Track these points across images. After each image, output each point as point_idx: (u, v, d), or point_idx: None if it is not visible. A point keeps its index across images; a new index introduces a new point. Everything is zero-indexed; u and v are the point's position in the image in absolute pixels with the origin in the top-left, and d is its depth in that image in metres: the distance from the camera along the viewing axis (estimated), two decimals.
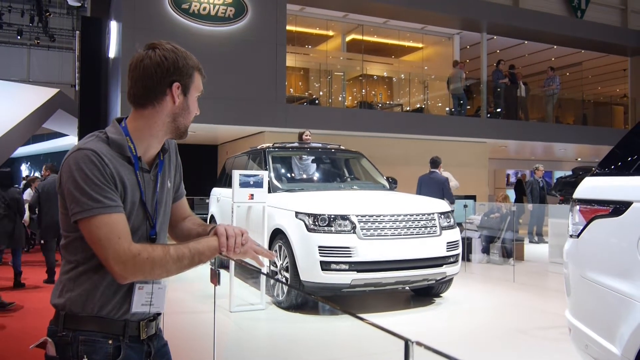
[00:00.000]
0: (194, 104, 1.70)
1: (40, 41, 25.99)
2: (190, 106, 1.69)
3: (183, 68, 1.65)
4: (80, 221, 1.50)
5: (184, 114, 1.68)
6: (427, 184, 9.12)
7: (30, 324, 5.54)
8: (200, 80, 1.72)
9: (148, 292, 1.63)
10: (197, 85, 1.71)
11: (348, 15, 14.96)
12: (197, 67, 1.71)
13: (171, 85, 1.63)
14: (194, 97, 1.70)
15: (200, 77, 1.72)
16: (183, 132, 1.70)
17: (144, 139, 1.65)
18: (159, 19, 11.14)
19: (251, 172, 6.29)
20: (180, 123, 1.68)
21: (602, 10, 20.00)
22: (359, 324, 1.73)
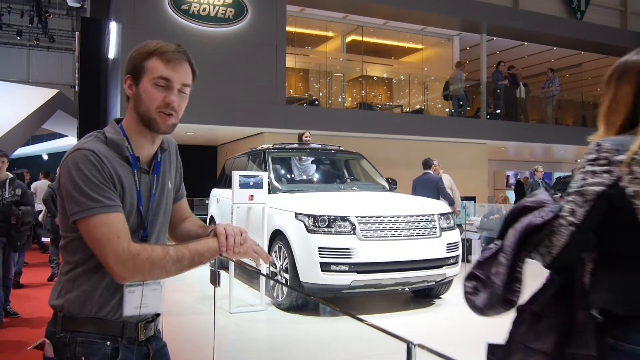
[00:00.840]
0: (150, 90, 1.59)
1: (39, 42, 25.98)
2: (142, 95, 1.60)
3: (134, 59, 1.62)
4: (79, 221, 1.49)
5: (139, 103, 1.61)
6: (422, 185, 9.11)
7: (29, 325, 5.52)
8: (158, 65, 1.59)
9: (139, 294, 1.61)
10: (151, 70, 1.59)
11: (348, 17, 14.95)
12: (151, 53, 1.60)
13: (125, 79, 1.64)
14: (146, 84, 1.59)
15: (159, 61, 1.59)
16: (147, 122, 1.61)
17: (134, 137, 1.64)
18: (158, 20, 11.14)
19: (251, 173, 6.29)
20: (140, 113, 1.61)
21: (602, 12, 20.02)
22: (360, 326, 1.73)
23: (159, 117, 1.60)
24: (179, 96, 1.63)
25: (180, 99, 1.64)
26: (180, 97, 1.64)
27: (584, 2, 19.64)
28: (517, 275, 1.67)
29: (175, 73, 1.61)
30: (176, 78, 1.61)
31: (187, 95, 1.67)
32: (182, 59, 1.63)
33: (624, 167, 1.48)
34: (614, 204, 1.51)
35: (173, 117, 1.63)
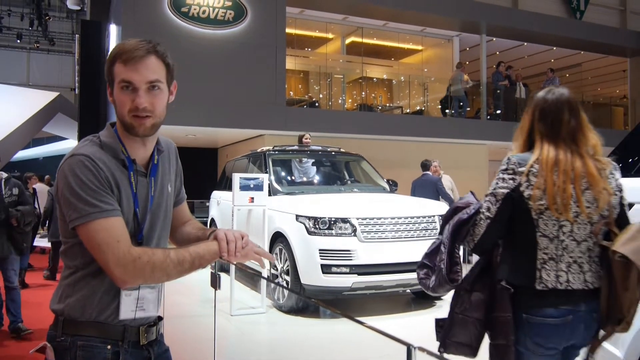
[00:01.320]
0: (117, 96, 1.56)
1: (39, 45, 26.03)
2: (116, 99, 1.57)
3: (106, 65, 1.59)
4: (79, 227, 1.49)
5: (116, 109, 1.59)
6: (421, 186, 9.12)
7: (32, 327, 5.52)
8: (120, 69, 1.54)
9: (136, 297, 1.61)
10: (116, 75, 1.55)
11: (347, 18, 14.97)
12: (114, 56, 1.56)
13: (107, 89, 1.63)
14: (116, 90, 1.56)
15: (120, 64, 1.54)
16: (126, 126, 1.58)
17: (125, 141, 1.63)
18: (158, 22, 11.15)
19: (251, 175, 6.29)
20: (119, 119, 1.60)
21: (601, 12, 20.00)
22: (360, 328, 1.73)
23: (134, 120, 1.56)
24: (150, 94, 1.56)
25: (153, 97, 1.57)
26: (152, 95, 1.57)
27: (584, 2, 19.64)
28: (456, 259, 2.21)
29: (135, 73, 1.54)
30: (138, 78, 1.54)
31: (163, 90, 1.60)
32: (142, 55, 1.54)
33: (523, 176, 2.08)
34: (514, 203, 2.08)
35: (150, 118, 1.57)
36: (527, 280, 2.07)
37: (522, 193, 2.07)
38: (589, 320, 2.09)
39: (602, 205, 2.07)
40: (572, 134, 2.16)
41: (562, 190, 2.04)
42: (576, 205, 2.05)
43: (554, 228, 2.07)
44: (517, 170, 2.11)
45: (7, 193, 5.47)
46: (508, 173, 2.13)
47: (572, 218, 2.05)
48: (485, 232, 2.13)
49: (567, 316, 2.05)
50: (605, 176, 2.11)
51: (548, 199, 2.04)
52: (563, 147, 2.13)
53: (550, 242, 2.07)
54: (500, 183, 2.13)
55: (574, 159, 2.10)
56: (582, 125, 2.19)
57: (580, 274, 2.08)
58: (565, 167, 2.07)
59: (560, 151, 2.12)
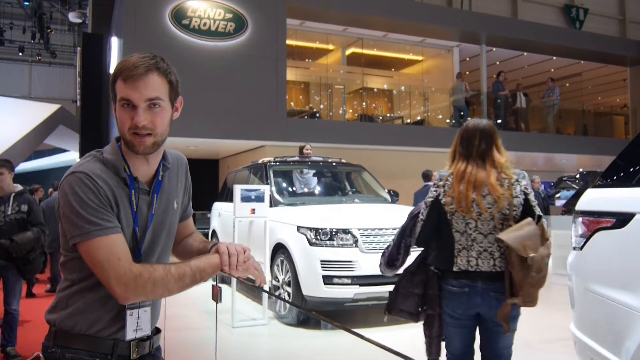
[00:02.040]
0: (119, 114, 1.55)
1: (41, 57, 26.14)
2: (117, 117, 1.57)
3: (110, 81, 1.58)
4: (79, 244, 1.49)
5: (118, 125, 1.57)
6: (422, 197, 9.10)
7: (31, 337, 5.49)
8: (121, 86, 1.53)
9: (136, 317, 1.61)
10: (118, 92, 1.54)
11: (348, 29, 15.03)
12: (117, 74, 1.54)
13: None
14: (117, 107, 1.55)
15: (120, 81, 1.53)
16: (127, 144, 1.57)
17: (129, 157, 1.62)
18: (159, 34, 11.20)
19: (252, 187, 6.29)
20: (121, 136, 1.59)
21: (601, 21, 20.13)
22: (362, 340, 1.72)
23: (134, 138, 1.54)
24: (149, 112, 1.54)
25: (153, 115, 1.55)
26: (152, 112, 1.55)
27: (583, 12, 19.75)
28: (400, 251, 3.11)
29: (135, 91, 1.51)
30: (136, 96, 1.52)
31: (165, 107, 1.57)
32: (141, 72, 1.52)
33: (441, 187, 2.85)
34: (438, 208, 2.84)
35: (150, 137, 1.55)
36: (447, 265, 2.84)
37: (441, 200, 2.85)
38: (486, 295, 2.74)
39: (501, 206, 2.72)
40: (482, 154, 2.86)
41: (465, 196, 2.75)
42: (477, 207, 2.73)
43: (463, 225, 2.79)
44: (438, 184, 2.91)
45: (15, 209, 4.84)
46: (434, 186, 2.94)
47: (475, 216, 2.75)
48: (421, 231, 2.94)
49: (464, 288, 2.77)
50: (508, 184, 2.77)
51: (455, 203, 2.77)
52: (472, 164, 2.84)
53: (462, 236, 2.80)
54: (430, 194, 2.94)
55: (478, 172, 2.79)
56: (491, 147, 2.89)
57: (490, 260, 2.74)
58: (469, 178, 2.77)
59: (469, 166, 2.83)
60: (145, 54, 1.57)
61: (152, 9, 11.26)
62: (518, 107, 16.16)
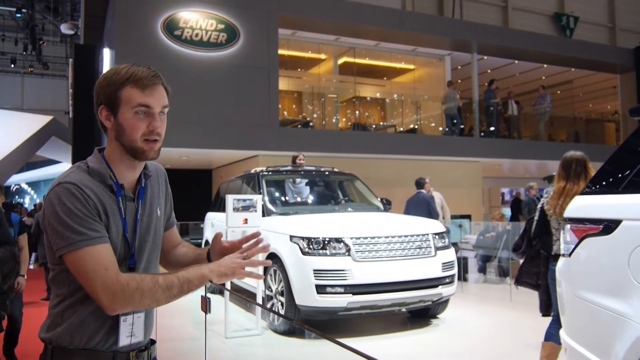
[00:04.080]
0: (131, 120, 1.58)
1: (33, 69, 26.15)
2: (124, 124, 1.58)
3: (106, 89, 1.59)
4: (66, 255, 1.49)
5: (121, 133, 1.59)
6: (415, 204, 9.11)
7: (29, 350, 5.46)
8: (134, 93, 1.57)
9: (130, 323, 1.61)
10: (128, 101, 1.57)
11: (340, 39, 15.09)
12: (124, 82, 1.57)
13: (99, 111, 1.61)
14: (126, 114, 1.58)
15: (134, 89, 1.57)
16: (133, 151, 1.60)
17: (115, 165, 1.64)
18: (151, 45, 11.22)
19: (245, 197, 6.29)
20: (124, 143, 1.60)
21: (591, 29, 20.30)
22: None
23: (145, 144, 1.60)
24: (160, 119, 1.63)
25: (162, 122, 1.64)
26: (162, 120, 1.64)
27: (573, 20, 19.92)
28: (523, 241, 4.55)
29: (154, 98, 1.59)
30: (155, 103, 1.60)
31: (166, 116, 1.67)
32: (157, 83, 1.61)
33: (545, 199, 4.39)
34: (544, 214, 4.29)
35: (158, 142, 1.63)
36: (549, 250, 4.22)
37: (544, 207, 4.27)
38: None
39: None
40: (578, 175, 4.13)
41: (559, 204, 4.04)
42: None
43: (556, 224, 4.13)
44: (545, 195, 4.38)
45: None
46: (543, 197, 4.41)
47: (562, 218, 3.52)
48: (535, 228, 4.35)
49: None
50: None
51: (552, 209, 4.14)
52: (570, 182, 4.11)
53: (557, 231, 4.12)
54: (540, 204, 4.35)
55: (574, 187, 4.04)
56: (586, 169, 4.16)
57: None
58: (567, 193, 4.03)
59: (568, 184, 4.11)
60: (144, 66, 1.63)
61: (144, 20, 11.29)
62: (510, 114, 16.25)
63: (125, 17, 11.19)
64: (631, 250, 2.37)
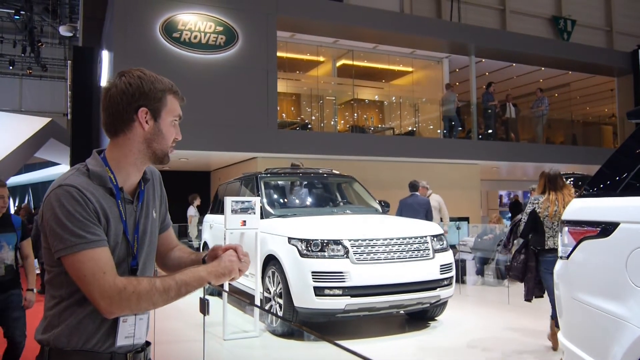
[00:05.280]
0: (169, 128, 1.66)
1: (32, 71, 26.12)
2: (163, 130, 1.64)
3: (150, 92, 1.61)
4: (64, 257, 1.49)
5: (158, 139, 1.63)
6: (410, 206, 9.00)
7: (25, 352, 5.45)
8: (175, 103, 1.67)
9: (131, 324, 1.62)
10: (170, 109, 1.66)
11: (338, 41, 15.11)
12: (168, 90, 1.66)
13: (137, 111, 1.60)
14: (167, 121, 1.65)
15: (175, 99, 1.68)
16: (161, 157, 1.67)
17: (122, 168, 1.64)
18: (150, 48, 11.23)
19: (243, 199, 6.29)
20: (156, 149, 1.64)
21: (588, 32, 20.36)
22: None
23: (170, 152, 1.70)
24: None
25: None
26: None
27: (571, 23, 19.98)
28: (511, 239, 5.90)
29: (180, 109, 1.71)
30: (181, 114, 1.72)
31: None
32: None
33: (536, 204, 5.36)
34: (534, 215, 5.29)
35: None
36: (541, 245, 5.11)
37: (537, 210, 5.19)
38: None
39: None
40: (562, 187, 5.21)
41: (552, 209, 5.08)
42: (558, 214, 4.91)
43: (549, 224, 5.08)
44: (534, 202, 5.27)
45: None
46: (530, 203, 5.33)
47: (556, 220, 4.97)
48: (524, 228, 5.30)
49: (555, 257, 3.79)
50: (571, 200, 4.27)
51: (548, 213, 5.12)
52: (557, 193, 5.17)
53: (549, 230, 5.09)
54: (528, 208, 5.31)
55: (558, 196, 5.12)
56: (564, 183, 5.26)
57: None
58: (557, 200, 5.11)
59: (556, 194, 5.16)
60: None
61: (143, 22, 11.30)
62: (507, 117, 16.29)
63: (124, 19, 11.20)
64: (629, 253, 2.38)
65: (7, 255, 4.12)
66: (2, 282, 4.08)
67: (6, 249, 4.13)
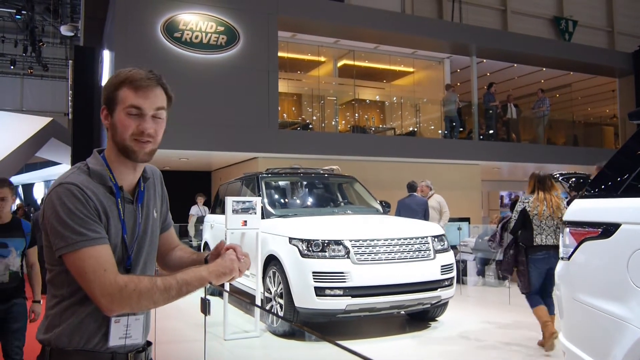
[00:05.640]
0: (124, 119, 1.59)
1: (33, 71, 26.15)
2: (117, 124, 1.60)
3: (108, 88, 1.62)
4: (65, 255, 1.49)
5: (116, 133, 1.61)
6: (409, 207, 8.95)
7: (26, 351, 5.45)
8: (129, 94, 1.59)
9: (125, 324, 1.61)
10: (122, 100, 1.59)
11: (339, 41, 15.10)
12: (122, 82, 1.60)
13: (101, 110, 1.65)
14: (120, 114, 1.60)
15: (130, 90, 1.59)
16: (125, 151, 1.61)
17: (114, 167, 1.65)
18: (151, 47, 11.23)
19: (244, 199, 6.29)
20: (118, 142, 1.62)
21: (590, 33, 20.35)
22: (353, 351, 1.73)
23: (135, 144, 1.60)
24: (154, 122, 1.63)
25: (156, 124, 1.63)
26: (156, 122, 1.63)
27: (572, 24, 19.97)
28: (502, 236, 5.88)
29: (146, 100, 1.60)
30: (147, 105, 1.60)
31: (164, 119, 1.66)
32: (153, 84, 1.62)
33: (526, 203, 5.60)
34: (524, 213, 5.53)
35: (150, 144, 1.63)
36: (530, 242, 5.37)
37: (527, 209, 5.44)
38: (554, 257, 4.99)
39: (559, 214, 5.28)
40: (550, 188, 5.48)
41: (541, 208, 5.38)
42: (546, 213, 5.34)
43: (538, 222, 5.36)
44: (524, 201, 5.52)
45: None
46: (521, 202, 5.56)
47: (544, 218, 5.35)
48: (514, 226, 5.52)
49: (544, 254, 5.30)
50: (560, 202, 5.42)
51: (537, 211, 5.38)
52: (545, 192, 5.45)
53: (537, 227, 5.35)
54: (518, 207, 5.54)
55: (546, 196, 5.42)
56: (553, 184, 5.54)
57: (552, 239, 5.28)
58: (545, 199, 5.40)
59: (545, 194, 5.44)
60: (146, 69, 1.64)
61: (144, 22, 11.30)
62: (509, 118, 16.27)
63: (125, 19, 11.20)
64: (630, 254, 2.38)
65: (13, 262, 3.90)
66: (6, 290, 3.85)
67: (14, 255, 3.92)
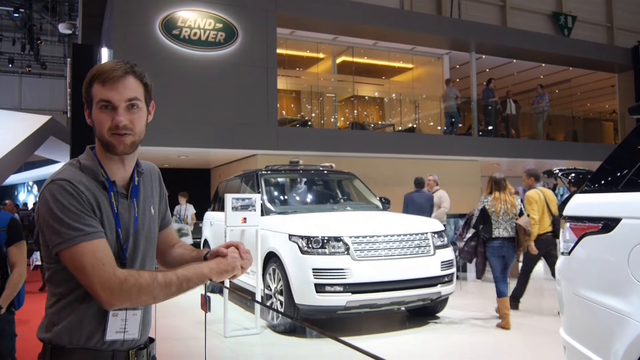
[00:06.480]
0: (97, 116, 1.57)
1: (31, 69, 26.11)
2: (95, 120, 1.59)
3: (84, 87, 1.61)
4: (62, 252, 1.48)
5: (96, 129, 1.60)
6: (417, 202, 9.09)
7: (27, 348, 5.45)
8: (99, 89, 1.56)
9: (122, 318, 1.60)
10: (94, 95, 1.57)
11: (338, 38, 15.09)
12: (92, 77, 1.58)
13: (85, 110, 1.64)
14: (95, 110, 1.58)
15: (98, 85, 1.56)
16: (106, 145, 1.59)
17: (104, 162, 1.64)
18: (149, 45, 11.21)
19: (244, 196, 6.29)
20: (99, 139, 1.61)
21: (589, 28, 20.33)
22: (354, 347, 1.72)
23: (113, 138, 1.57)
24: (129, 113, 1.58)
25: (132, 115, 1.59)
26: (131, 113, 1.59)
27: (571, 19, 19.94)
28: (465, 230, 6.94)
29: (115, 92, 1.56)
30: (117, 97, 1.56)
31: (141, 108, 1.62)
32: (120, 75, 1.57)
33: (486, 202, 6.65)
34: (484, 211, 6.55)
35: (129, 136, 1.59)
36: (490, 234, 6.40)
37: (486, 207, 6.47)
38: (509, 247, 6.36)
39: (513, 211, 6.39)
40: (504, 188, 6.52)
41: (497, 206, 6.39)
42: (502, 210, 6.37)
43: (496, 217, 6.37)
44: (484, 201, 6.55)
45: None
46: (481, 202, 6.57)
47: (501, 214, 6.36)
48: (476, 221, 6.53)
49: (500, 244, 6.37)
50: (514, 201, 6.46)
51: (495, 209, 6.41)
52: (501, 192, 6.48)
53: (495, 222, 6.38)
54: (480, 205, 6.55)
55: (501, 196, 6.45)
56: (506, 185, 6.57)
57: (508, 232, 6.36)
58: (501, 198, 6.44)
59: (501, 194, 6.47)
60: (117, 60, 1.62)
61: (142, 19, 11.27)
62: (508, 113, 16.25)
63: (123, 16, 11.17)
64: (630, 249, 2.37)
65: None
66: None
67: None
